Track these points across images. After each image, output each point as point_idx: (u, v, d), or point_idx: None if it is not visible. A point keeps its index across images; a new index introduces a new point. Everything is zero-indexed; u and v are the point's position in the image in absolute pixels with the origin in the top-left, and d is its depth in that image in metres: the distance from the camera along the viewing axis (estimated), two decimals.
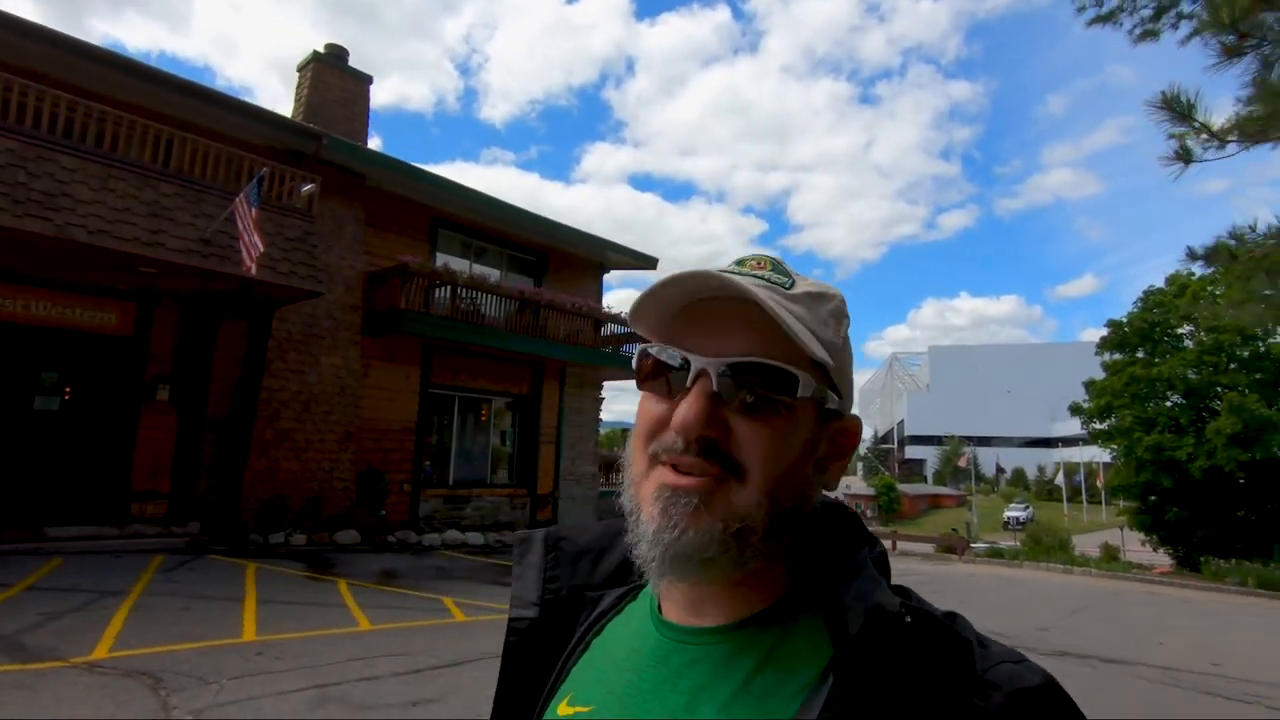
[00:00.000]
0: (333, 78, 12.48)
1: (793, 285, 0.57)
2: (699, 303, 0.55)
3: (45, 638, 5.53)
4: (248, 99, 10.58)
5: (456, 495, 13.89)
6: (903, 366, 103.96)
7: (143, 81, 9.24)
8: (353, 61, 13.06)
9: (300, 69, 12.55)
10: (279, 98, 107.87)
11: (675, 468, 0.53)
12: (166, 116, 9.08)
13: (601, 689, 0.57)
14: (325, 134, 10.94)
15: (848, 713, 0.44)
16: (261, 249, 7.24)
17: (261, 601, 7.29)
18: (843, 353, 0.56)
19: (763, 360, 0.52)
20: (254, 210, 7.24)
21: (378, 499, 12.10)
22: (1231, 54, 3.40)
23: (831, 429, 0.56)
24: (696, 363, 0.53)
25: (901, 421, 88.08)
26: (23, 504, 8.96)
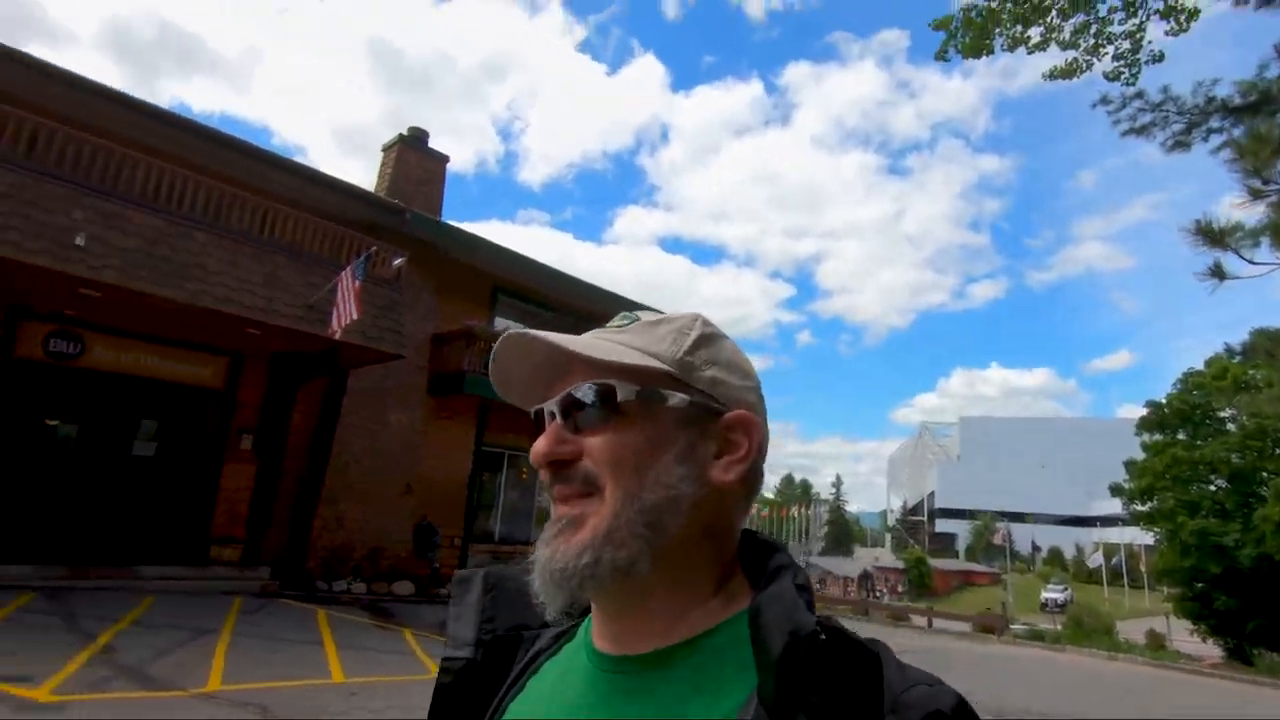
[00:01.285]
0: (413, 157, 13.67)
1: (631, 323, 0.62)
2: (540, 363, 0.60)
3: (164, 669, 6.06)
4: (301, 159, 11.74)
5: (502, 551, 14.30)
6: (932, 436, 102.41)
7: (258, 163, 10.38)
8: (402, 125, 14.29)
9: (385, 149, 13.79)
10: (331, 156, 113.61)
11: (556, 502, 0.58)
12: (275, 194, 10.14)
13: None
14: (408, 209, 11.99)
15: None
16: (356, 317, 8.03)
17: (340, 646, 7.75)
18: (697, 359, 0.59)
19: (581, 382, 0.57)
20: (357, 283, 8.07)
21: (432, 552, 12.57)
22: (1257, 196, 3.97)
23: (710, 427, 0.58)
24: (543, 406, 0.61)
25: (932, 493, 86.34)
26: (117, 543, 9.64)
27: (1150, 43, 5.05)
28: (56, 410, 9.90)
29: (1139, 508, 20.57)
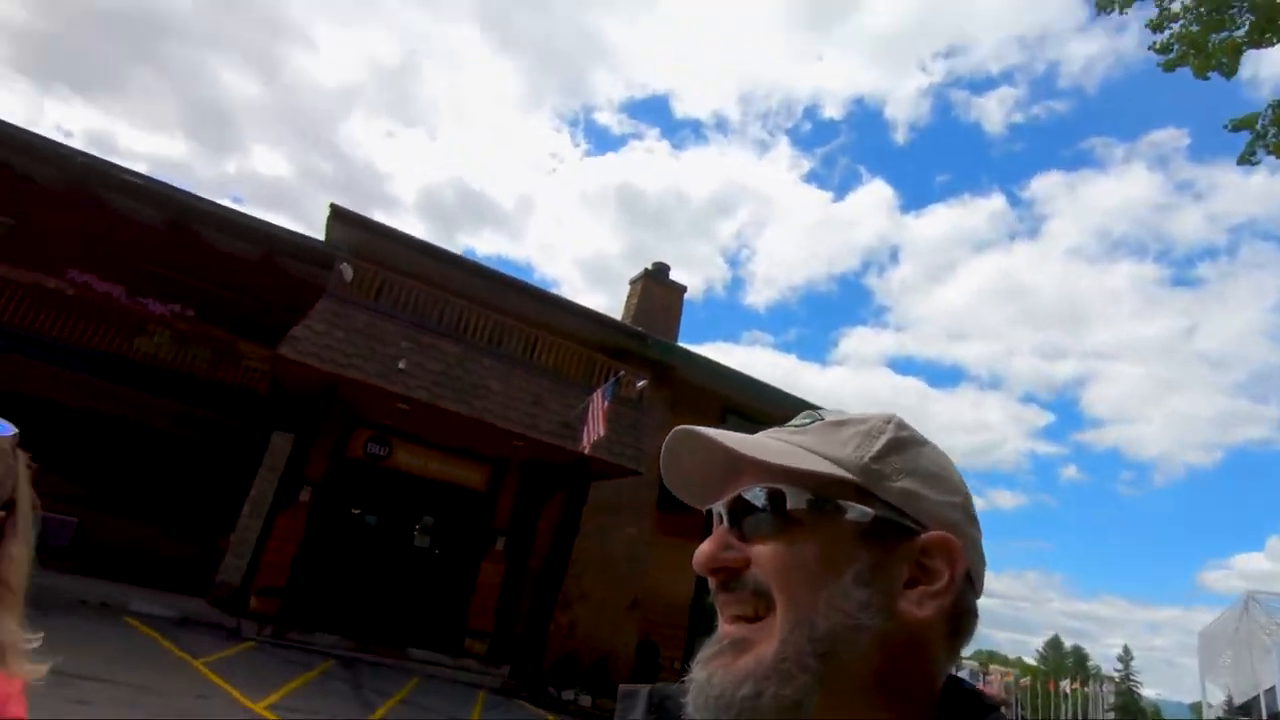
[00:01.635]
0: (656, 288, 15.07)
1: (813, 423, 0.57)
2: (714, 461, 0.56)
3: None
4: (555, 290, 13.33)
5: None
6: (1263, 610, 79.29)
7: (528, 297, 12.22)
8: (641, 257, 15.76)
9: (632, 282, 15.45)
10: (579, 289, 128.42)
11: (723, 617, 0.54)
12: (539, 322, 11.78)
13: None
14: (649, 335, 13.10)
15: None
16: (603, 434, 8.74)
17: None
18: (886, 467, 0.53)
19: (751, 484, 0.53)
20: (607, 403, 8.87)
21: (653, 672, 12.48)
22: None
23: (902, 548, 0.51)
24: (712, 508, 0.56)
25: (1271, 690, 65.59)
26: (393, 624, 11.06)
27: None
28: (365, 502, 11.96)
29: None
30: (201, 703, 6.35)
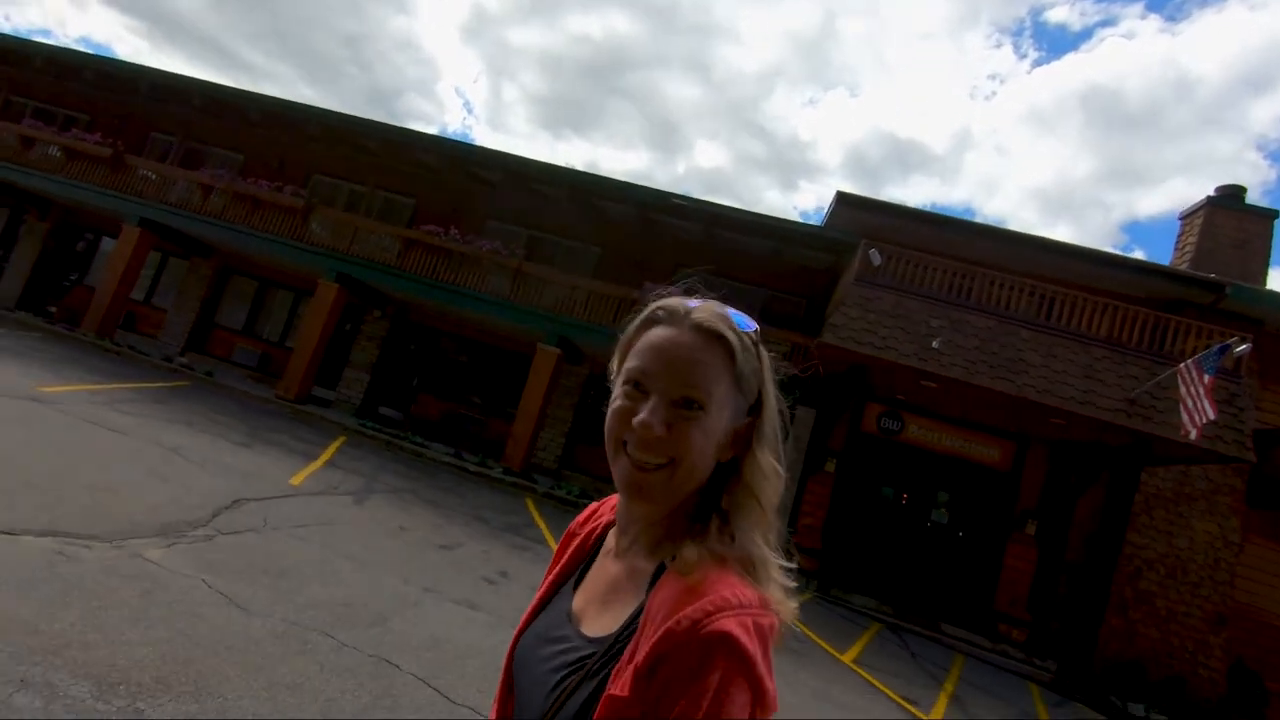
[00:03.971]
0: (1225, 220, 11.65)
1: None
2: None
3: None
4: (1003, 227, 10.99)
5: None
6: None
7: (1064, 258, 10.73)
8: (1118, 177, 11.98)
9: (1184, 217, 12.27)
10: (1030, 224, 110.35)
11: None
12: (1075, 280, 10.24)
13: None
14: (1229, 283, 10.19)
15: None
16: (1212, 417, 7.07)
17: None
18: None
19: None
20: (1208, 378, 7.17)
21: (1254, 706, 9.91)
22: None
23: None
24: None
25: None
26: (922, 596, 11.22)
27: None
28: (882, 475, 12.37)
29: None
30: (799, 646, 7.41)
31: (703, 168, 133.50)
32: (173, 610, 3.63)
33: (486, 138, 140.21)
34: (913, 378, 9.34)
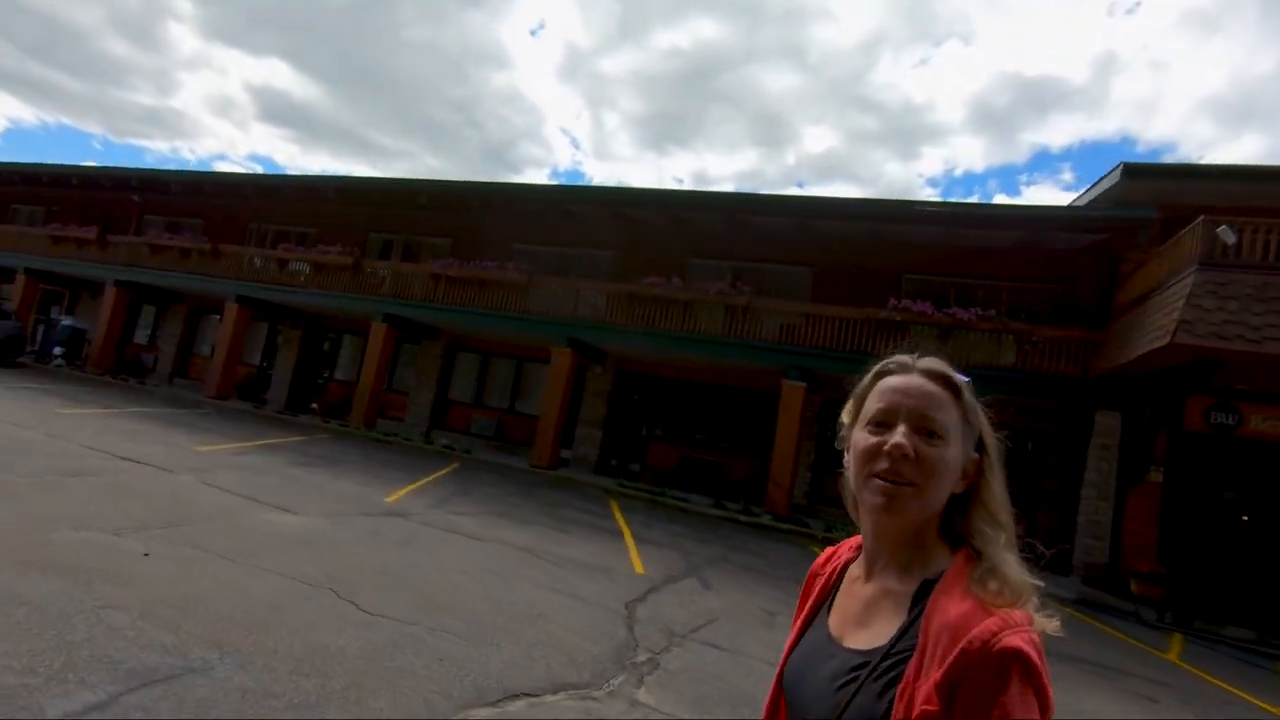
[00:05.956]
0: None
1: None
2: None
3: None
4: (1171, 157, 8.66)
5: None
6: None
7: None
8: None
9: None
10: (1206, 142, 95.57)
11: None
12: None
13: None
14: None
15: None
16: None
17: None
18: None
19: None
20: None
21: None
22: None
23: None
24: None
25: None
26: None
27: None
28: (1219, 478, 10.51)
29: None
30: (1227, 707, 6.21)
31: (813, 153, 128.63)
32: None
33: (594, 169, 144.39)
34: (1253, 364, 7.80)
